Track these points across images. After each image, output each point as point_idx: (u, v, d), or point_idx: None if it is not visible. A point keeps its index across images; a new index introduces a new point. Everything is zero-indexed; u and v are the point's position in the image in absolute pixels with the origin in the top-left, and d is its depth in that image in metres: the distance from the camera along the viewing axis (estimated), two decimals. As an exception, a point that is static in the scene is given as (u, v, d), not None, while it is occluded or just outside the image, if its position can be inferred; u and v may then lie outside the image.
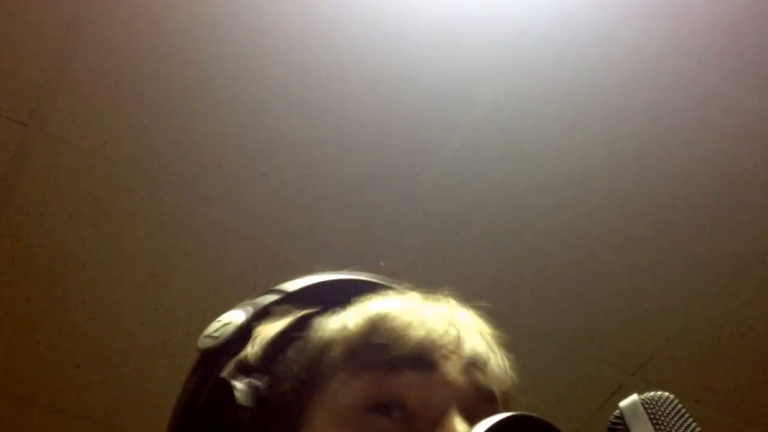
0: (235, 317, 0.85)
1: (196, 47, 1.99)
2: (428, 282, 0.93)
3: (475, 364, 0.84)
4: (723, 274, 2.32)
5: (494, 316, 0.94)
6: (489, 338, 0.91)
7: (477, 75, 2.01)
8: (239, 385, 0.81)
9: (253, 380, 0.83)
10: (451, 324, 0.86)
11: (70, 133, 2.10)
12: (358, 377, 0.81)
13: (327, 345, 0.84)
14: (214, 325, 0.85)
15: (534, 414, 0.74)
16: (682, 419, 0.67)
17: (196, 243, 2.27)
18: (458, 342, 0.85)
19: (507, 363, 0.91)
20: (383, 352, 0.81)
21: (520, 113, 2.07)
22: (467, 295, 0.93)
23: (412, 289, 0.92)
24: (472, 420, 0.78)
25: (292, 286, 0.91)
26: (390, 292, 0.91)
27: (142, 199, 2.20)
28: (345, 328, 0.85)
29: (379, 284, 0.94)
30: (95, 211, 2.21)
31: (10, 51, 1.99)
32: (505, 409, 0.85)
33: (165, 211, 2.22)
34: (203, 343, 0.84)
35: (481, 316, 0.93)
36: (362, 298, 0.88)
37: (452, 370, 0.82)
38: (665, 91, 2.02)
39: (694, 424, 0.66)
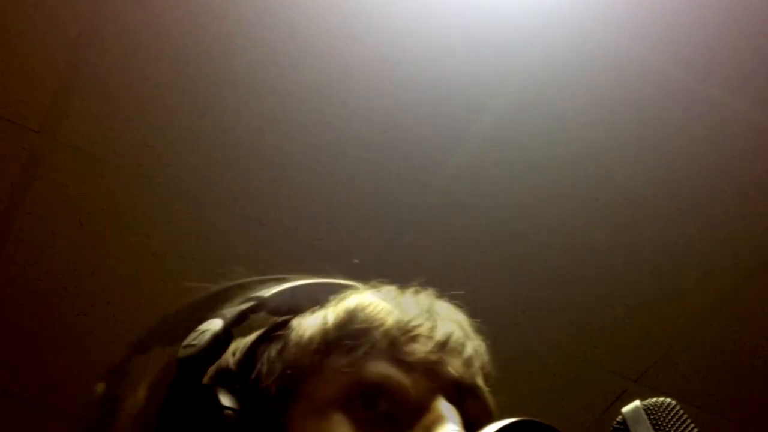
0: (212, 325, 0.84)
1: (205, 57, 2.00)
2: (434, 288, 0.93)
3: (453, 350, 0.84)
4: (725, 282, 2.33)
5: (499, 323, 0.94)
6: (465, 325, 0.90)
7: (484, 85, 2.02)
8: (222, 389, 0.80)
9: (235, 384, 0.83)
10: (425, 311, 0.87)
11: (81, 141, 2.11)
12: (338, 370, 0.80)
13: (308, 341, 0.84)
14: (192, 335, 0.84)
15: (538, 419, 0.74)
16: (684, 425, 0.67)
17: (205, 250, 2.28)
18: (433, 326, 0.85)
19: (483, 348, 0.90)
20: (361, 339, 0.82)
21: (527, 124, 2.08)
22: (473, 302, 0.92)
23: (386, 284, 0.92)
24: (455, 406, 0.79)
25: (268, 292, 0.91)
26: (365, 288, 0.91)
27: (152, 205, 2.21)
28: (322, 323, 0.85)
29: (353, 285, 0.94)
30: (105, 217, 2.23)
31: (22, 60, 2.01)
32: (484, 393, 0.86)
33: (174, 218, 2.24)
34: (182, 352, 0.82)
35: (456, 305, 0.93)
36: (339, 296, 0.89)
37: (431, 356, 0.82)
38: (670, 104, 2.03)
39: (695, 430, 0.67)
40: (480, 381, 0.85)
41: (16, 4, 1.95)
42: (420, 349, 0.82)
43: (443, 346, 0.84)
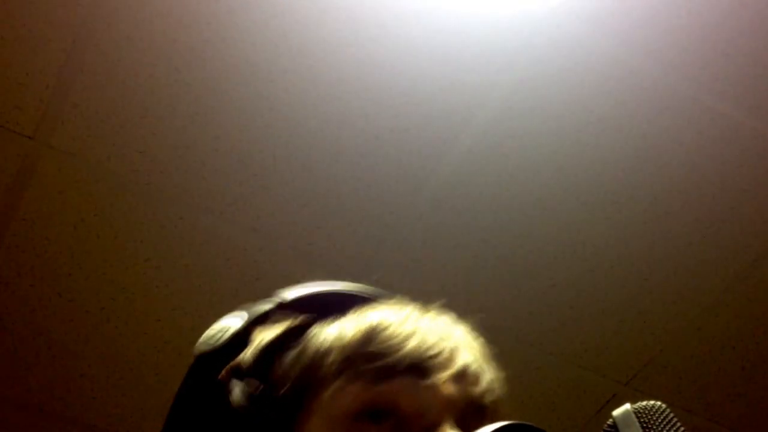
0: (232, 323, 0.86)
1: (199, 63, 2.01)
2: (426, 294, 0.94)
3: (467, 377, 0.85)
4: (715, 287, 2.34)
5: (490, 327, 0.95)
6: (482, 353, 0.91)
7: (474, 92, 2.04)
8: (235, 388, 0.81)
9: (248, 385, 0.83)
10: (445, 338, 0.87)
11: (75, 147, 2.12)
12: (352, 384, 0.81)
13: (325, 352, 0.84)
14: (212, 331, 0.86)
15: (529, 423, 0.74)
16: (674, 428, 0.68)
17: (199, 255, 2.29)
18: (452, 355, 0.85)
19: (499, 378, 0.91)
20: (378, 360, 0.82)
21: (516, 130, 2.09)
22: (464, 307, 0.93)
23: (408, 302, 0.92)
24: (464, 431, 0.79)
25: (290, 294, 0.91)
26: (387, 305, 0.91)
27: (146, 211, 2.22)
28: (342, 336, 0.85)
29: (375, 297, 0.94)
30: (100, 223, 2.23)
31: (16, 66, 2.01)
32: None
33: (168, 224, 2.24)
34: (200, 348, 0.84)
35: (474, 332, 0.93)
36: (360, 308, 0.89)
37: (445, 380, 0.82)
38: (659, 110, 2.04)
39: None
40: (490, 410, 0.85)
41: (9, 11, 1.95)
42: (436, 378, 0.82)
43: (460, 375, 0.84)
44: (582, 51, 1.96)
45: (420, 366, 0.82)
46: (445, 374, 0.83)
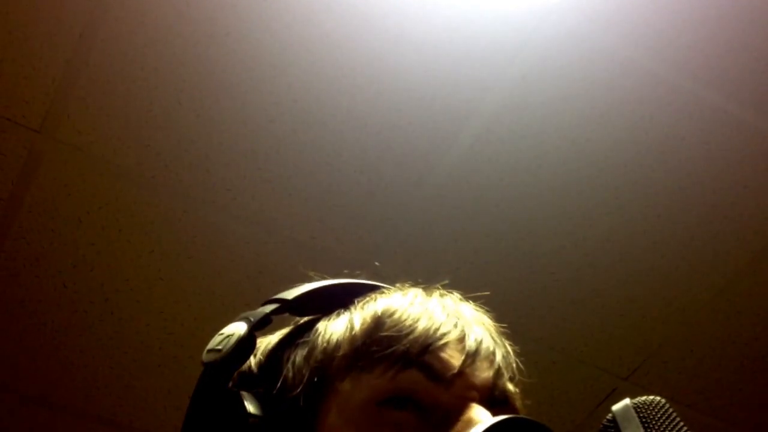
0: (237, 329, 0.83)
1: (203, 57, 2.02)
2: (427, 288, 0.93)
3: (482, 357, 0.84)
4: (715, 282, 2.35)
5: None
6: (493, 330, 0.91)
7: (476, 87, 2.04)
8: (247, 394, 0.80)
9: (260, 389, 0.82)
10: (456, 317, 0.86)
11: (81, 141, 2.12)
12: (368, 374, 0.80)
13: (335, 347, 0.83)
14: (217, 339, 0.84)
15: (528, 416, 0.75)
16: (673, 423, 0.68)
17: (202, 248, 2.30)
18: (464, 334, 0.85)
19: (512, 353, 0.91)
20: (390, 346, 0.81)
21: (520, 125, 2.10)
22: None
23: (410, 287, 0.91)
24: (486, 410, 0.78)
25: (291, 293, 0.90)
26: (391, 291, 0.90)
27: (150, 204, 2.23)
28: (351, 328, 0.84)
29: (378, 285, 0.94)
30: (104, 216, 2.24)
31: (23, 60, 2.02)
32: (514, 399, 0.86)
33: (172, 217, 2.25)
34: (207, 357, 0.82)
35: (481, 309, 0.93)
36: (365, 298, 0.88)
37: (462, 365, 0.82)
38: (661, 106, 2.05)
39: (684, 428, 0.68)
40: (510, 387, 0.86)
41: (16, 4, 1.96)
42: (451, 358, 0.82)
43: (474, 354, 0.83)
44: (584, 47, 1.97)
45: (432, 349, 0.81)
46: (458, 355, 0.82)
